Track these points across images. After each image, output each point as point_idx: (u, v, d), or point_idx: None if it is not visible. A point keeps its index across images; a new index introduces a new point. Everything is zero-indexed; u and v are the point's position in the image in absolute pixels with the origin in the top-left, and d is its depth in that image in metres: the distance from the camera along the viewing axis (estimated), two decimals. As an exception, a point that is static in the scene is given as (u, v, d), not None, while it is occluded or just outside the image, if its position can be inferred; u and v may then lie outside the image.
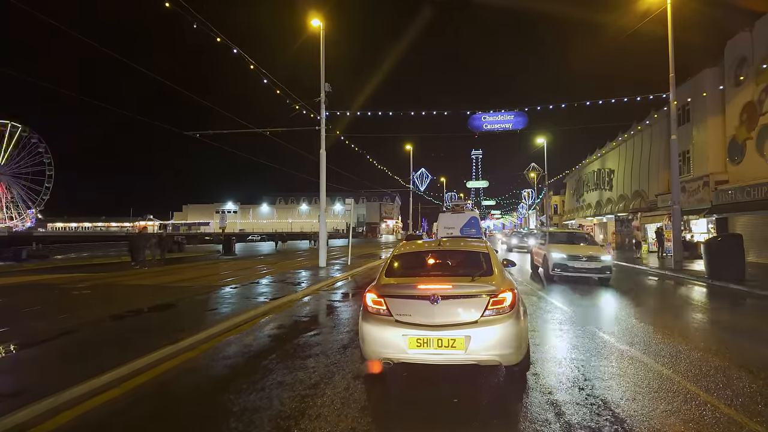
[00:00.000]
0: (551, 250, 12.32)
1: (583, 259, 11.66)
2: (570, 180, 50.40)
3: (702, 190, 21.94)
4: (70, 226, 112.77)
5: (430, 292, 3.88)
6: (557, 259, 11.89)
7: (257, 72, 15.23)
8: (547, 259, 12.31)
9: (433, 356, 3.78)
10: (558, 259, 11.88)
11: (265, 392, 4.03)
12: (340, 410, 3.61)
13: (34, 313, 7.84)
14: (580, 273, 11.74)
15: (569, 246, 12.69)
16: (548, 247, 12.67)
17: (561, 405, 3.71)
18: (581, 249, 12.27)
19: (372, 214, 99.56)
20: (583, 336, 6.12)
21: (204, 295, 9.59)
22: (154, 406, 3.90)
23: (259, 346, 5.79)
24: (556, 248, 12.38)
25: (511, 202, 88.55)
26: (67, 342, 5.74)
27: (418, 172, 66.74)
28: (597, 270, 11.59)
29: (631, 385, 4.19)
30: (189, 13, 11.69)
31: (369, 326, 3.99)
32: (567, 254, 11.87)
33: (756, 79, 18.58)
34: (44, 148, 72.91)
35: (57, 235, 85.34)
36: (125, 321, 7.06)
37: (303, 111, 17.26)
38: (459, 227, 16.59)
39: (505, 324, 3.80)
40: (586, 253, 11.87)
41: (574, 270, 11.68)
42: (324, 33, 16.31)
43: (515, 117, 20.81)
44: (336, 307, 8.82)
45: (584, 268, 11.64)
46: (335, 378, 4.38)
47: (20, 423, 3.45)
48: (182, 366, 4.94)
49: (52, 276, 14.08)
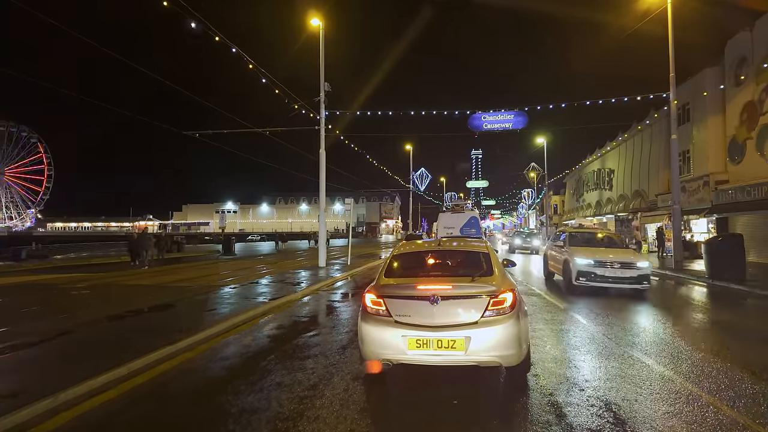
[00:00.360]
0: (574, 254, 10.34)
1: (614, 266, 9.74)
2: (570, 180, 50.38)
3: (702, 189, 21.92)
4: (70, 226, 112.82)
5: (430, 292, 3.85)
6: (582, 266, 9.98)
7: (256, 71, 15.21)
8: (568, 265, 10.41)
9: (432, 357, 3.75)
10: (583, 266, 9.97)
11: (264, 393, 3.99)
12: (339, 412, 3.58)
13: (33, 314, 7.81)
14: (610, 283, 9.82)
15: (596, 250, 10.73)
16: (570, 250, 10.70)
17: (562, 407, 3.68)
18: (611, 253, 10.26)
19: (372, 213, 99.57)
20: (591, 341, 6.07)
21: (203, 295, 9.56)
22: (151, 407, 3.87)
23: (258, 346, 5.76)
24: (581, 252, 10.37)
25: (510, 202, 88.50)
26: (65, 342, 5.70)
27: (418, 172, 66.64)
28: (632, 279, 9.65)
29: (632, 386, 4.16)
30: (188, 12, 11.65)
31: (368, 327, 3.96)
32: (594, 260, 9.98)
33: (756, 78, 18.56)
34: (44, 147, 72.88)
35: (56, 235, 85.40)
36: (124, 321, 7.03)
37: (302, 111, 17.24)
38: (459, 227, 16.57)
39: (506, 325, 3.76)
40: (618, 258, 9.90)
41: (603, 279, 9.77)
42: (323, 32, 16.28)
43: (515, 117, 20.81)
44: (335, 308, 8.79)
45: (616, 277, 9.72)
46: (334, 379, 4.35)
47: (20, 423, 3.42)
48: (180, 367, 4.91)
49: (51, 276, 14.05)
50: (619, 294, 9.90)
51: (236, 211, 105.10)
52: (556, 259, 11.80)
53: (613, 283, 9.81)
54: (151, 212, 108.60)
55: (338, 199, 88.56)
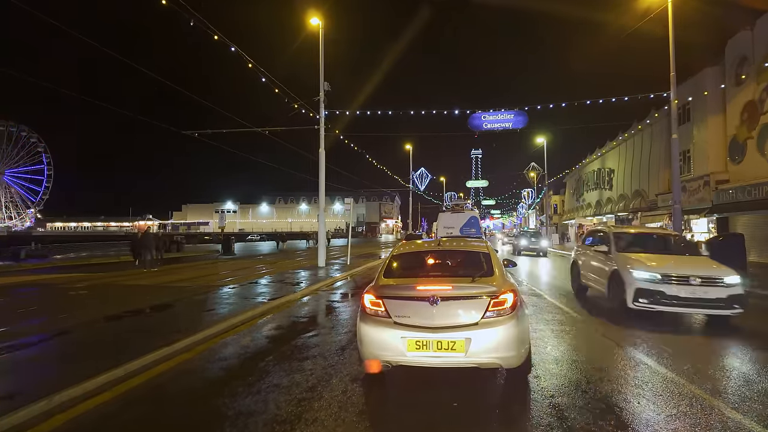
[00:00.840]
0: (630, 265, 7.27)
1: (692, 282, 6.66)
2: (570, 179, 50.33)
3: (702, 189, 21.88)
4: (70, 225, 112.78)
5: (430, 293, 3.80)
6: (644, 282, 6.88)
7: (256, 71, 15.16)
8: (619, 279, 7.39)
9: (432, 359, 3.71)
10: (645, 282, 6.87)
11: (261, 395, 3.95)
12: (338, 414, 3.54)
13: (30, 314, 7.76)
14: (686, 307, 6.74)
15: (660, 258, 7.58)
16: (621, 259, 7.70)
17: (563, 408, 3.63)
18: (683, 264, 7.30)
19: (371, 213, 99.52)
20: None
21: (202, 296, 9.52)
22: (148, 409, 3.83)
23: (257, 347, 5.71)
24: (640, 262, 7.24)
25: (510, 202, 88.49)
26: (62, 343, 5.67)
27: (418, 172, 66.65)
28: (719, 303, 6.55)
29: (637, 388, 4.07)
30: (186, 11, 11.61)
31: (367, 328, 3.91)
32: (661, 273, 6.85)
33: (757, 78, 18.52)
34: (43, 147, 72.80)
35: (56, 235, 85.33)
36: (121, 321, 6.99)
37: (302, 110, 17.20)
38: (459, 227, 16.54)
39: (507, 326, 3.72)
40: (696, 270, 6.86)
41: (676, 302, 6.67)
42: (323, 32, 16.23)
43: (515, 116, 20.77)
44: (335, 308, 8.75)
45: (696, 299, 6.61)
46: (333, 381, 4.31)
47: (15, 425, 3.39)
48: (178, 368, 4.87)
49: (50, 276, 14.01)
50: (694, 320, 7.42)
51: (236, 210, 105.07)
52: (595, 269, 8.84)
53: (691, 306, 6.72)
54: (151, 212, 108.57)
55: (338, 199, 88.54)
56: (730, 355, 5.47)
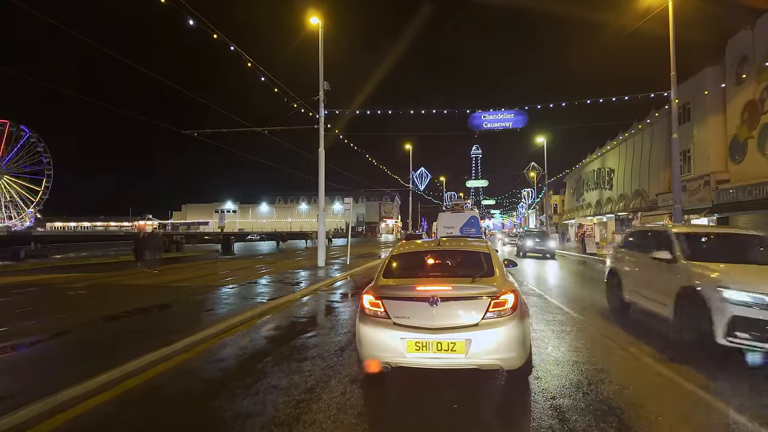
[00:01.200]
0: (720, 280, 5.01)
1: None
2: (570, 179, 50.29)
3: (703, 189, 21.85)
4: (69, 225, 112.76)
5: (429, 293, 3.77)
6: (744, 306, 4.67)
7: (255, 70, 15.13)
8: (699, 299, 5.11)
9: (432, 360, 3.68)
10: (746, 306, 4.65)
11: (259, 397, 3.92)
12: (336, 416, 3.51)
13: (29, 314, 7.73)
14: None
15: (762, 270, 5.27)
16: (698, 270, 5.47)
17: (564, 410, 3.61)
18: None
19: (371, 213, 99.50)
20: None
21: (201, 296, 9.49)
22: (146, 410, 3.81)
23: (255, 348, 5.69)
24: (733, 276, 5.05)
25: (510, 202, 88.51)
26: (61, 343, 5.65)
27: (418, 172, 66.73)
28: None
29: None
30: (185, 10, 11.58)
31: (366, 329, 3.88)
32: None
33: (757, 77, 18.48)
34: (43, 147, 72.72)
35: (56, 235, 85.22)
36: (120, 321, 6.97)
37: (302, 110, 17.17)
38: (459, 227, 16.51)
39: (507, 327, 3.69)
40: None
41: None
42: (323, 31, 16.20)
43: (515, 116, 20.75)
44: (334, 308, 8.72)
45: None
46: (332, 382, 4.28)
47: (15, 425, 3.37)
48: (176, 368, 4.84)
49: (49, 276, 13.98)
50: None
51: (235, 210, 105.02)
52: (650, 282, 6.65)
53: None
54: (151, 212, 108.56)
55: (338, 199, 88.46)
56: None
